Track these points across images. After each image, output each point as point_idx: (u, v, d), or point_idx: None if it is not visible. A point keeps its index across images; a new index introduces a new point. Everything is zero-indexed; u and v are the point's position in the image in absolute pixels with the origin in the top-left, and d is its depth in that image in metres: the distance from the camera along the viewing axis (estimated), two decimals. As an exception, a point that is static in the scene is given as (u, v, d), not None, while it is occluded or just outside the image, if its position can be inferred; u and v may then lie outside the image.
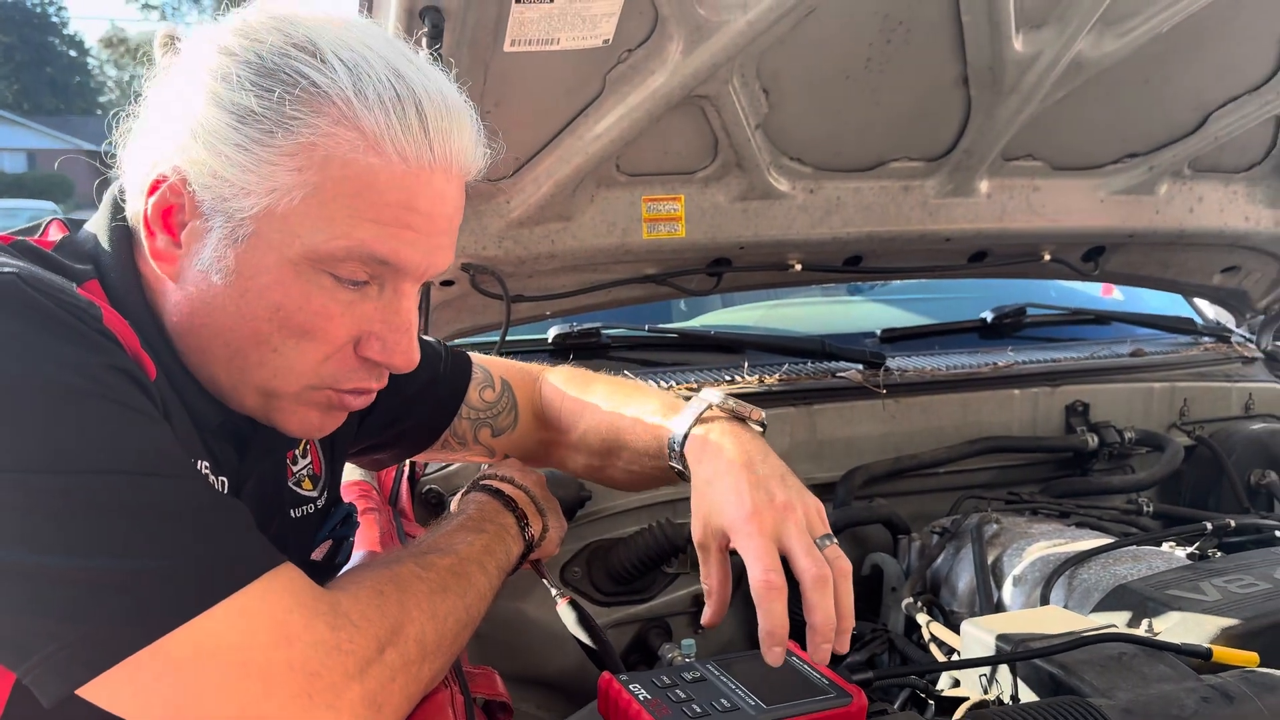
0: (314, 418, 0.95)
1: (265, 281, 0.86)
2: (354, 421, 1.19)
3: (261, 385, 0.91)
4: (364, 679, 0.81)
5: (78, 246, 0.93)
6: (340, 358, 0.91)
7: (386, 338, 0.91)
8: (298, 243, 0.85)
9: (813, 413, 1.99)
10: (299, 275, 0.86)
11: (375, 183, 0.85)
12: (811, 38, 1.61)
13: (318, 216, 0.84)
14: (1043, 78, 1.76)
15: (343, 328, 0.89)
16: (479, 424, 1.31)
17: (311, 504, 1.12)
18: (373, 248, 0.86)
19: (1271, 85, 1.98)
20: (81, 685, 0.73)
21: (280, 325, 0.87)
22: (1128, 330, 2.55)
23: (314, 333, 0.88)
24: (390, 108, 0.85)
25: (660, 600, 1.80)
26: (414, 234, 0.88)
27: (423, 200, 0.88)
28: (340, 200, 0.84)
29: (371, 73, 0.85)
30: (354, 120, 0.84)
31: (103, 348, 0.79)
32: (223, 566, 0.78)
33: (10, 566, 0.73)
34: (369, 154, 0.84)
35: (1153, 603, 1.32)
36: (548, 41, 1.46)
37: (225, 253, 0.86)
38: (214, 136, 0.84)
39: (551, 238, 1.81)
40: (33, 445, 0.74)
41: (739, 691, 0.98)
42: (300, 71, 0.84)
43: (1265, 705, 1.08)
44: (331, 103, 0.84)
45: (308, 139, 0.83)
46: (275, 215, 0.84)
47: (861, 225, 1.97)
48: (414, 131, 0.86)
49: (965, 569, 1.67)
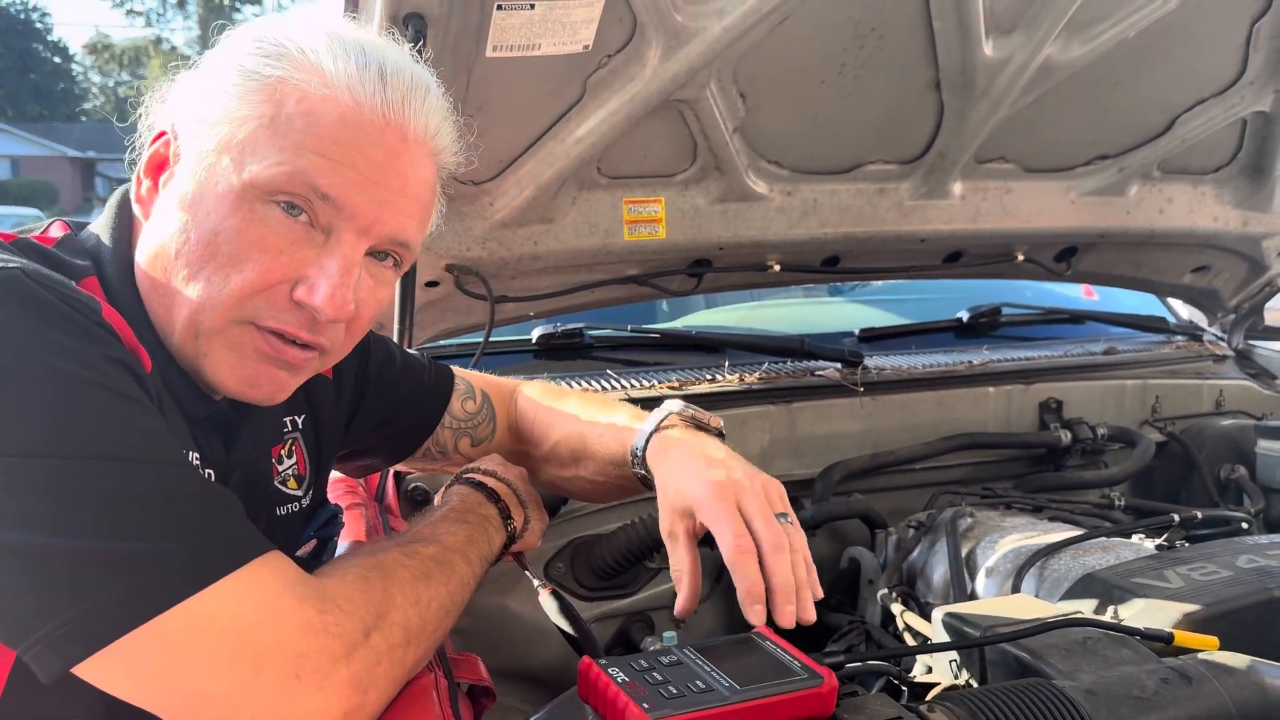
0: (246, 367, 0.93)
1: (210, 206, 0.89)
2: (340, 424, 1.23)
3: (192, 316, 0.91)
4: (350, 661, 0.84)
5: (78, 244, 0.96)
6: (271, 295, 0.91)
7: (317, 280, 0.91)
8: (245, 169, 0.88)
9: (792, 410, 2.03)
10: (243, 202, 0.88)
11: (325, 117, 0.89)
12: (787, 43, 1.65)
13: (268, 145, 0.88)
14: (1013, 82, 1.81)
15: (277, 265, 0.90)
16: (460, 434, 1.36)
17: (296, 503, 1.15)
18: (314, 178, 0.89)
19: (1237, 89, 2.03)
20: (77, 663, 0.76)
21: (215, 252, 0.89)
22: (1101, 329, 2.59)
23: (246, 263, 0.89)
24: (353, 59, 0.91)
25: (643, 595, 1.83)
26: (359, 175, 0.90)
27: (373, 147, 0.91)
28: (290, 130, 0.89)
29: (348, 38, 0.93)
30: (318, 66, 0.91)
31: (101, 339, 0.83)
32: (214, 550, 0.81)
33: (10, 547, 0.76)
34: (323, 89, 0.90)
35: (1118, 590, 1.36)
36: (529, 47, 1.49)
37: (187, 184, 0.91)
38: (206, 88, 0.92)
39: (534, 239, 1.84)
40: (33, 431, 0.77)
41: (714, 674, 1.01)
42: (289, 38, 0.92)
43: (1223, 686, 1.12)
44: (304, 55, 0.91)
45: (274, 79, 0.90)
46: (232, 145, 0.89)
47: (838, 226, 2.01)
48: (371, 80, 0.91)
49: (940, 561, 1.71)
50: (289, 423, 1.15)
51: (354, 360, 1.25)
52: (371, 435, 1.30)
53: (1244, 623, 1.28)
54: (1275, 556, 1.42)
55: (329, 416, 1.21)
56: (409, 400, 1.31)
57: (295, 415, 1.16)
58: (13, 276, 0.80)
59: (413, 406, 1.32)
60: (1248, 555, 1.43)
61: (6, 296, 0.79)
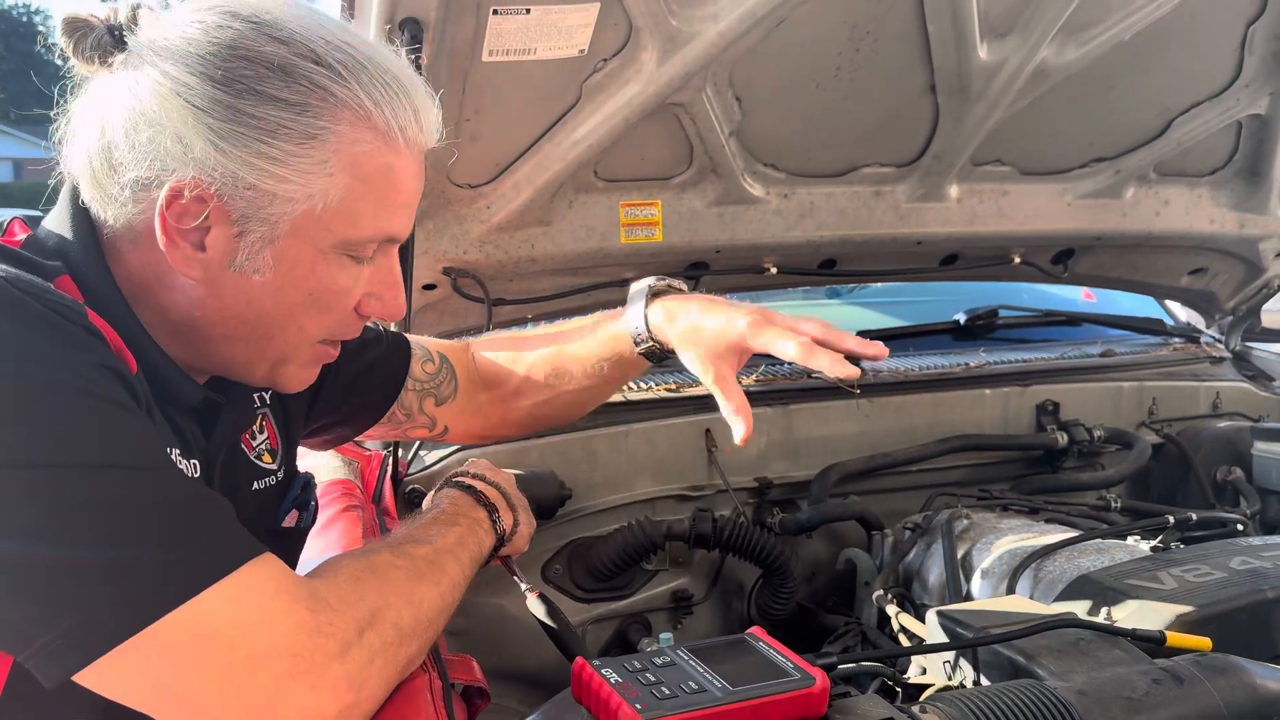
0: (310, 373, 1.05)
1: (301, 273, 0.94)
2: (306, 398, 1.23)
3: (278, 356, 1.00)
4: (344, 660, 0.85)
5: (42, 243, 0.95)
6: (345, 318, 1.01)
7: (384, 295, 1.01)
8: (331, 236, 0.94)
9: (789, 412, 2.03)
10: (327, 261, 0.95)
11: (391, 173, 0.95)
12: (782, 47, 1.66)
13: (349, 212, 0.93)
14: (1008, 85, 1.81)
15: (354, 296, 1.00)
16: (423, 394, 1.38)
17: (272, 476, 1.16)
18: (390, 231, 0.97)
19: (1232, 92, 2.03)
20: (77, 671, 0.77)
21: (312, 306, 0.97)
22: (1099, 331, 2.60)
23: (335, 306, 0.99)
24: (393, 100, 0.94)
25: (640, 596, 1.84)
26: (410, 209, 0.99)
27: (415, 179, 0.99)
28: (367, 195, 0.94)
29: (367, 67, 0.93)
30: (368, 120, 0.92)
31: (90, 346, 0.83)
32: (208, 555, 0.82)
33: (7, 557, 0.76)
34: (386, 151, 0.94)
35: (1112, 591, 1.37)
36: (525, 51, 1.50)
37: (262, 252, 0.92)
38: (245, 151, 0.88)
39: (531, 242, 1.85)
40: (28, 441, 0.78)
41: (707, 675, 1.02)
42: (315, 82, 0.90)
43: (1215, 687, 1.12)
44: (347, 107, 0.91)
45: (334, 145, 0.91)
46: (313, 216, 0.92)
47: (835, 229, 2.01)
48: (405, 113, 0.95)
49: (936, 563, 1.71)
50: (257, 399, 1.16)
51: None
52: (339, 407, 1.32)
53: (1236, 624, 1.28)
54: (1269, 558, 1.43)
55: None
56: (371, 369, 1.33)
57: (262, 391, 1.16)
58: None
59: (375, 374, 1.34)
60: (1241, 557, 1.44)
61: None
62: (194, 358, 1.00)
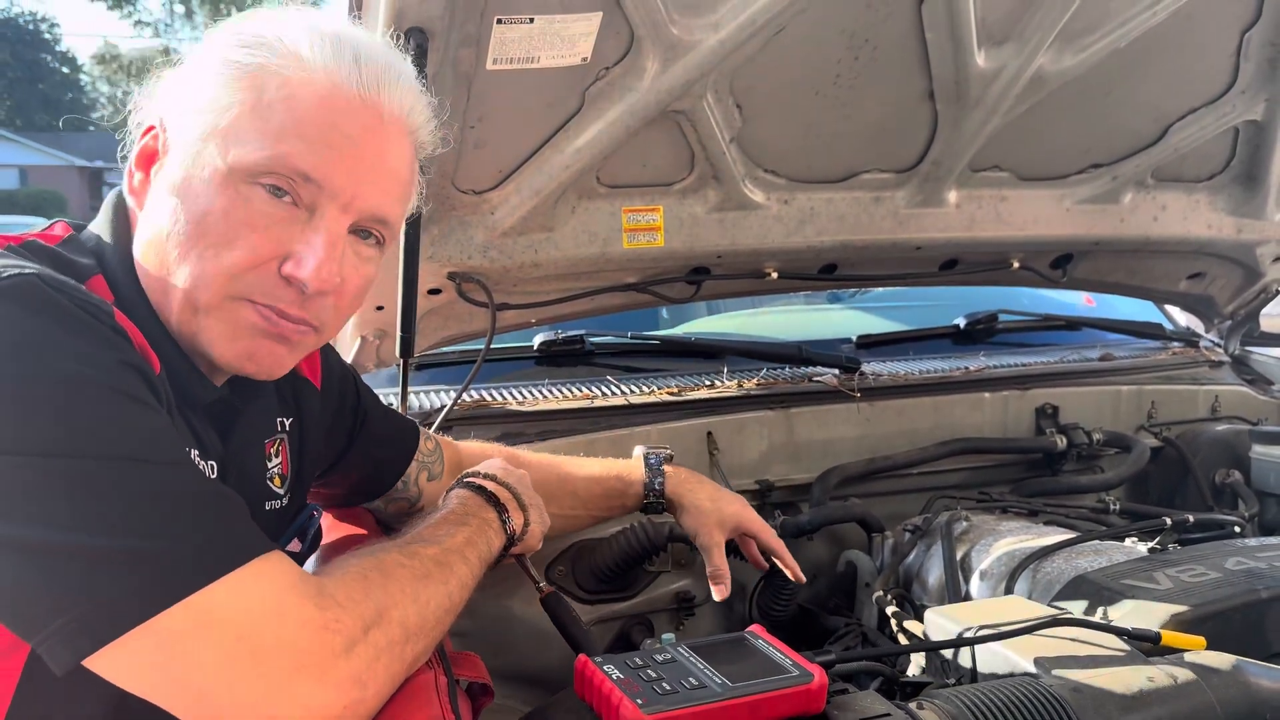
0: (243, 341, 0.98)
1: (198, 191, 0.94)
2: (320, 437, 1.27)
3: (187, 294, 0.95)
4: (350, 657, 0.87)
5: (81, 244, 1.01)
6: (261, 272, 0.96)
7: (303, 254, 0.95)
8: (230, 154, 0.93)
9: (790, 416, 2.05)
10: (228, 186, 0.93)
11: (303, 100, 0.94)
12: (782, 55, 1.68)
13: (249, 129, 0.93)
14: (1006, 91, 1.83)
15: (265, 243, 0.95)
16: (421, 467, 1.46)
17: (279, 500, 1.18)
18: (294, 160, 0.93)
19: (1228, 98, 2.05)
20: (87, 656, 0.79)
21: (204, 232, 0.94)
22: (1098, 335, 2.61)
23: (235, 242, 0.94)
24: (329, 44, 0.96)
25: (642, 597, 1.85)
26: (336, 154, 0.95)
27: (349, 124, 0.96)
28: (271, 115, 0.93)
29: (324, 28, 0.98)
30: (295, 52, 0.95)
31: (115, 344, 0.86)
32: (219, 548, 0.84)
33: (26, 543, 0.79)
34: (300, 72, 0.95)
35: (1108, 591, 1.38)
36: (528, 60, 1.52)
37: (176, 172, 0.96)
38: (190, 80, 0.97)
39: (535, 248, 1.87)
40: (48, 432, 0.80)
41: (707, 671, 1.04)
42: (268, 29, 0.97)
43: (1209, 686, 1.14)
44: (282, 43, 0.96)
45: (255, 66, 0.95)
46: (217, 132, 0.94)
47: (835, 234, 2.03)
48: (346, 63, 0.96)
49: (935, 564, 1.73)
50: (279, 423, 1.18)
51: (349, 387, 1.33)
52: (367, 459, 1.39)
53: (1231, 623, 1.30)
54: (1264, 559, 1.44)
55: (313, 425, 1.24)
56: (390, 435, 1.42)
57: (285, 417, 1.19)
58: (30, 283, 0.84)
59: (399, 440, 1.44)
60: (1237, 557, 1.45)
61: (26, 302, 0.83)
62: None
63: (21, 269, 0.85)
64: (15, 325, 0.82)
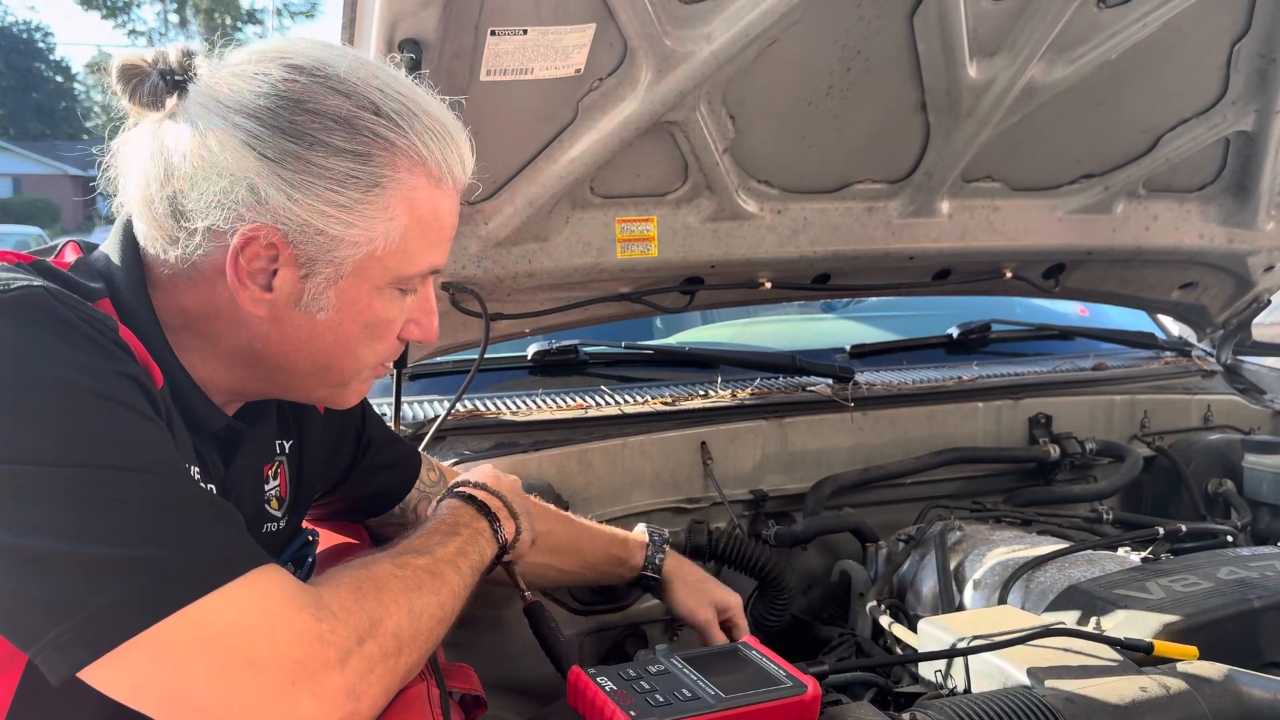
0: (365, 389, 1.13)
1: (360, 308, 1.01)
2: (321, 459, 1.28)
3: (338, 381, 1.07)
4: (344, 669, 0.86)
5: (91, 266, 1.01)
6: (392, 344, 1.08)
7: (423, 321, 1.09)
8: (388, 274, 1.00)
9: (784, 425, 2.06)
10: (381, 295, 1.02)
11: (440, 213, 1.02)
12: (774, 67, 1.69)
13: (405, 251, 1.00)
14: (998, 103, 1.84)
15: (400, 324, 1.07)
16: (421, 495, 1.47)
17: (276, 523, 1.19)
18: (436, 264, 1.04)
19: (1219, 109, 2.06)
20: (83, 667, 0.79)
21: (367, 337, 1.04)
22: (1091, 345, 2.62)
23: (387, 334, 1.06)
24: (444, 147, 1.00)
25: (636, 609, 1.85)
26: (450, 241, 1.06)
27: (457, 213, 1.06)
28: (420, 235, 1.00)
29: (420, 116, 0.98)
30: (422, 164, 0.98)
31: (115, 356, 0.87)
32: (216, 559, 0.84)
33: (22, 551, 0.79)
34: (436, 193, 1.00)
35: (1101, 601, 1.39)
36: (522, 71, 1.53)
37: (326, 291, 0.99)
38: (316, 200, 0.94)
39: (528, 258, 1.87)
40: (47, 440, 0.81)
41: (700, 682, 1.04)
42: (376, 133, 0.95)
43: (1201, 695, 1.14)
44: (405, 155, 0.97)
45: (394, 190, 0.97)
46: (374, 256, 0.98)
47: (828, 244, 2.04)
48: (454, 158, 1.01)
49: (929, 574, 1.73)
50: (279, 445, 1.19)
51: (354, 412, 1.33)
52: (356, 491, 1.40)
53: (1223, 633, 1.30)
54: (1256, 568, 1.45)
55: (313, 449, 1.25)
56: (399, 460, 1.44)
57: (284, 440, 1.20)
58: (37, 294, 0.85)
59: (401, 466, 1.45)
60: (1229, 567, 1.46)
61: (31, 314, 0.84)
62: (248, 382, 1.05)
63: (30, 282, 0.86)
64: (19, 336, 0.83)
